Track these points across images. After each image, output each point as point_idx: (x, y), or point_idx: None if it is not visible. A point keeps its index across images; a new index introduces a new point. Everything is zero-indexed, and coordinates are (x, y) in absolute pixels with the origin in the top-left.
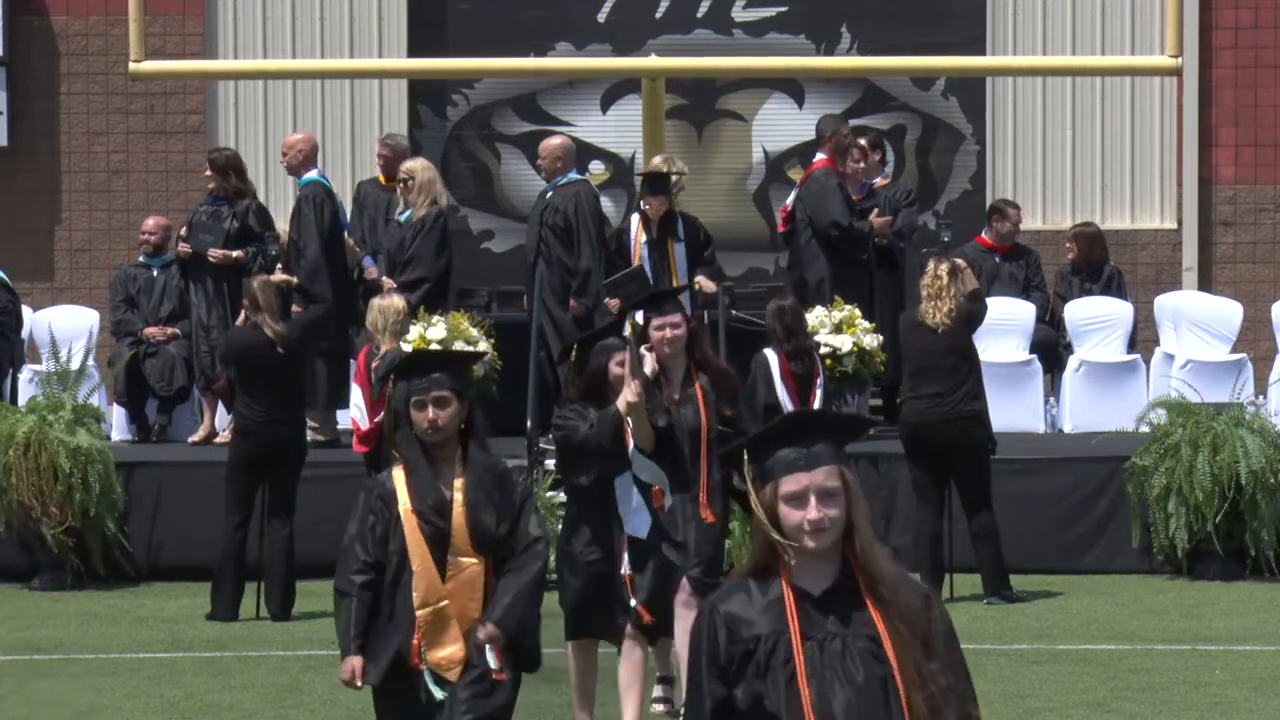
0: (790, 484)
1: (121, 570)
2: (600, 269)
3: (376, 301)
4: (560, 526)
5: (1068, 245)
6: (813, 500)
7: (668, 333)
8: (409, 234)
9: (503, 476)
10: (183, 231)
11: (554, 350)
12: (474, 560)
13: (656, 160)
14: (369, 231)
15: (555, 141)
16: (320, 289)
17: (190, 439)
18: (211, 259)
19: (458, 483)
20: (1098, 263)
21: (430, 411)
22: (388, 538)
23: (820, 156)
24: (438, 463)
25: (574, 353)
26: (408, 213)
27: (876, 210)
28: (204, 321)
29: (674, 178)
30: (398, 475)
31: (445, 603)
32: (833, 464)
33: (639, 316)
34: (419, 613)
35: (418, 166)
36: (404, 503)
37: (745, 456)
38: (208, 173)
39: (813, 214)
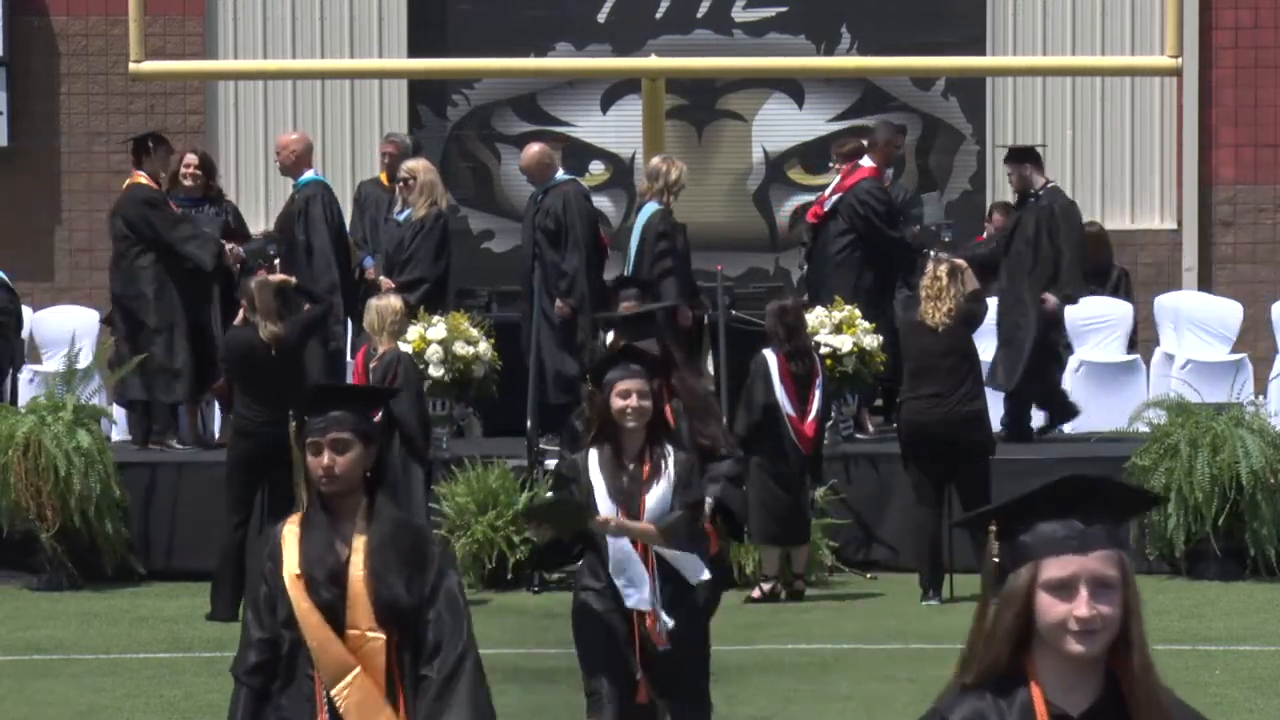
0: (1056, 568)
1: (121, 570)
2: (588, 270)
3: (374, 302)
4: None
5: (1109, 244)
6: (1084, 592)
7: (633, 401)
8: (408, 234)
9: (416, 537)
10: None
11: (546, 350)
12: (377, 635)
13: (656, 160)
14: (370, 231)
15: (534, 149)
16: (329, 288)
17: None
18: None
19: (358, 542)
20: (1105, 265)
21: (325, 456)
22: (277, 605)
23: (868, 164)
24: (337, 518)
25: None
26: (407, 213)
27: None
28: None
29: (676, 179)
30: (289, 532)
31: (358, 670)
32: (1112, 548)
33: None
34: (334, 694)
35: (419, 167)
36: (290, 565)
37: (996, 524)
38: (193, 170)
39: (860, 221)
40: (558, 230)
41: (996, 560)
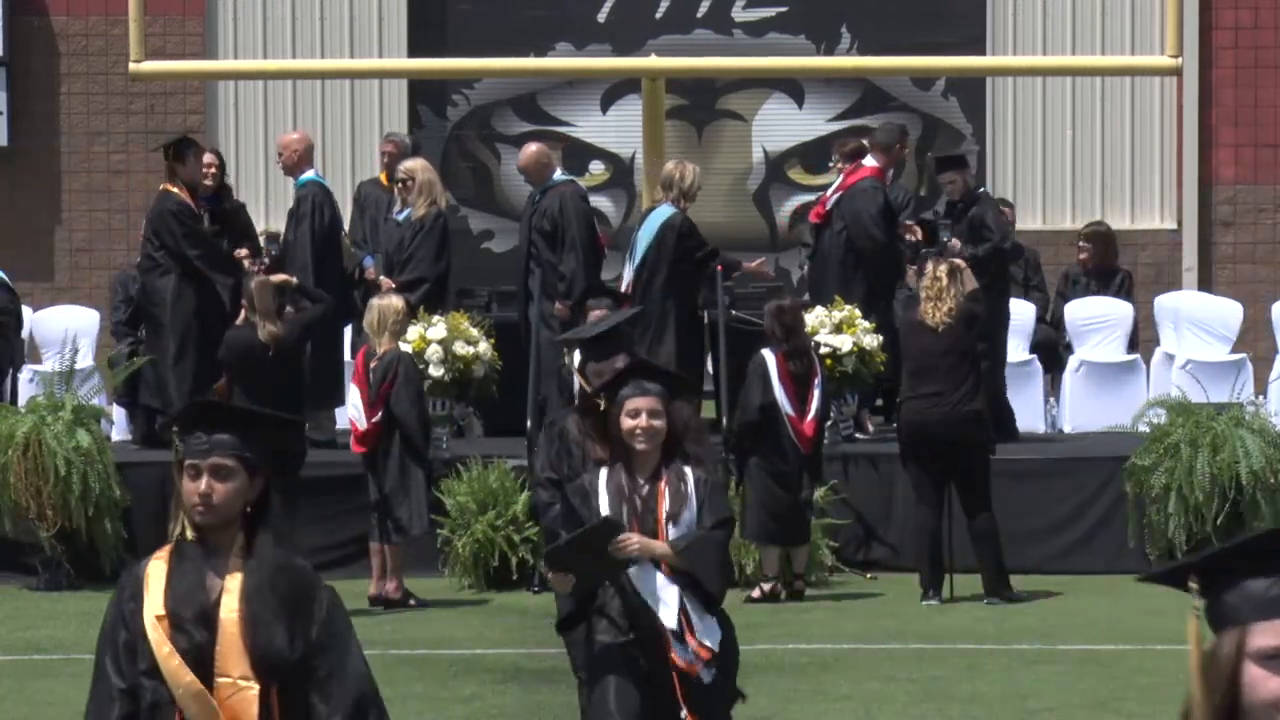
0: (1267, 636)
1: (121, 570)
2: (585, 271)
3: (375, 302)
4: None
5: (1082, 246)
6: None
7: (643, 421)
8: (408, 234)
9: (300, 581)
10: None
11: (545, 350)
12: (250, 685)
13: (669, 165)
14: (370, 231)
15: (531, 149)
16: (316, 289)
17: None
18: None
19: (232, 581)
20: (1111, 267)
21: (203, 482)
22: (137, 652)
23: (871, 163)
24: (212, 554)
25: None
26: (406, 212)
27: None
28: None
29: (691, 184)
30: (154, 568)
31: None
32: None
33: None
34: None
35: (417, 167)
36: (153, 604)
37: (1194, 580)
38: (214, 171)
39: (850, 223)
40: (554, 231)
41: (1198, 616)
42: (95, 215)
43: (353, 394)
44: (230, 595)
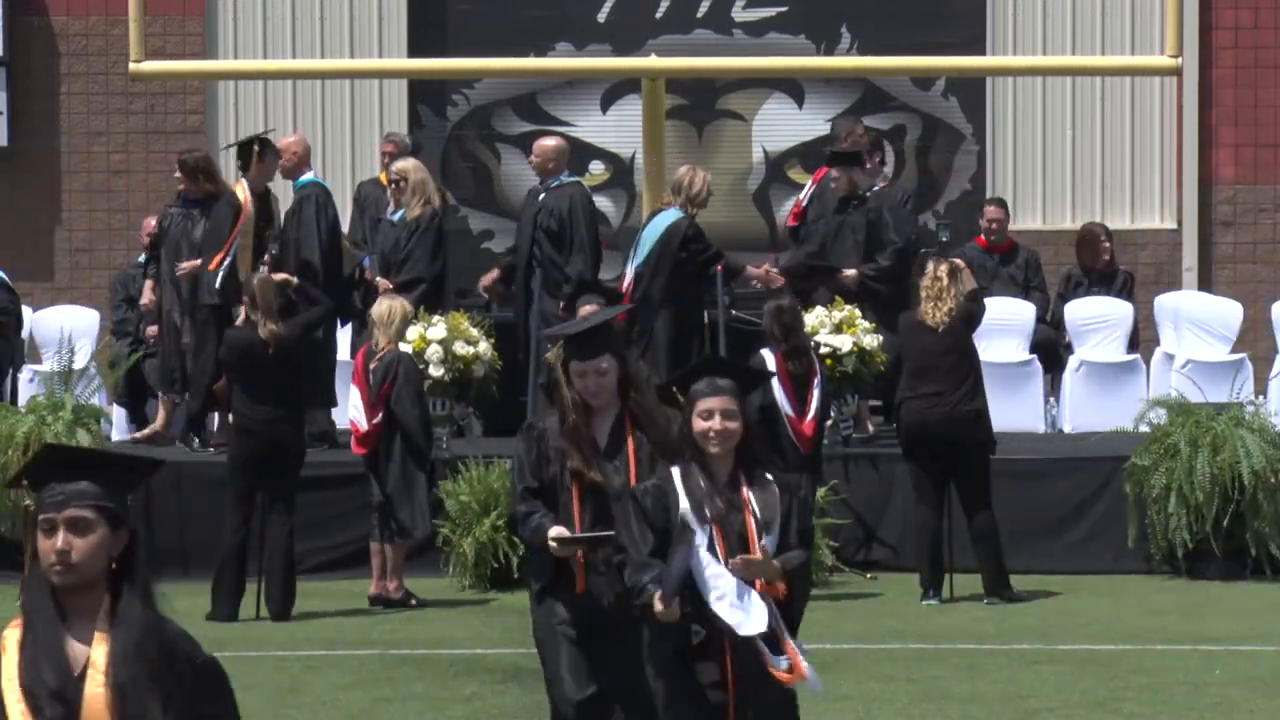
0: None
1: None
2: (593, 273)
3: (386, 300)
4: None
5: (1105, 244)
6: None
7: (717, 424)
8: (404, 234)
9: (172, 644)
10: (146, 238)
11: (541, 349)
12: None
13: (682, 170)
14: (370, 232)
15: (550, 142)
16: (319, 289)
17: (134, 435)
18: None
19: (98, 651)
20: (1099, 267)
21: (60, 538)
22: None
23: None
24: (71, 618)
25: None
26: (400, 213)
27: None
28: (176, 325)
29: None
30: (9, 635)
31: None
32: None
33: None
34: None
35: (410, 167)
36: (8, 676)
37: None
38: (177, 174)
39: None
40: (561, 231)
41: None
42: (95, 215)
43: (353, 395)
44: (95, 668)
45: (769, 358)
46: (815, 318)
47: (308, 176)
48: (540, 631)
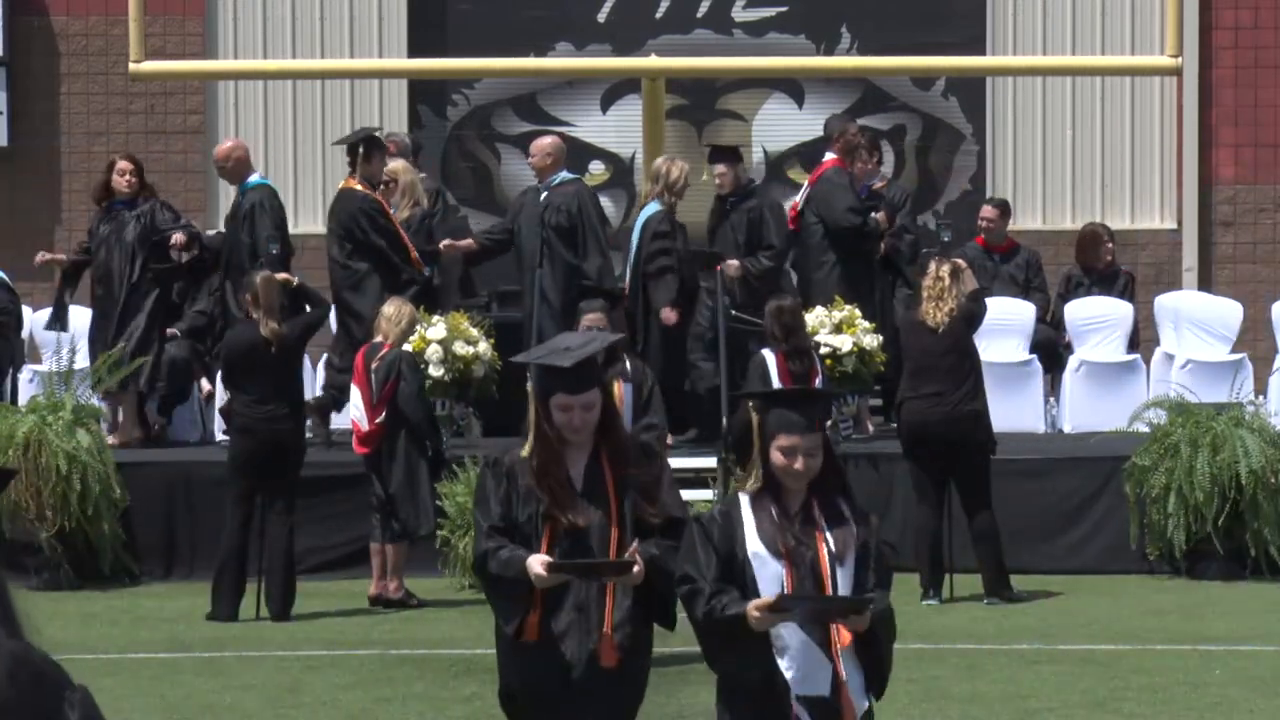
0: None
1: (120, 570)
2: (609, 266)
3: (391, 304)
4: None
5: (1108, 244)
6: None
7: (798, 463)
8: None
9: (44, 676)
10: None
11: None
12: None
13: (659, 161)
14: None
15: (546, 140)
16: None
17: (113, 439)
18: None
19: None
20: (1097, 266)
21: None
22: None
23: (830, 156)
24: None
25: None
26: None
27: (881, 211)
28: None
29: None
30: None
31: None
32: None
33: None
34: None
35: (400, 168)
36: None
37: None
38: (129, 178)
39: (824, 212)
40: (571, 228)
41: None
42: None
43: (354, 395)
44: None
45: (770, 358)
46: (815, 318)
47: (255, 179)
48: (511, 689)
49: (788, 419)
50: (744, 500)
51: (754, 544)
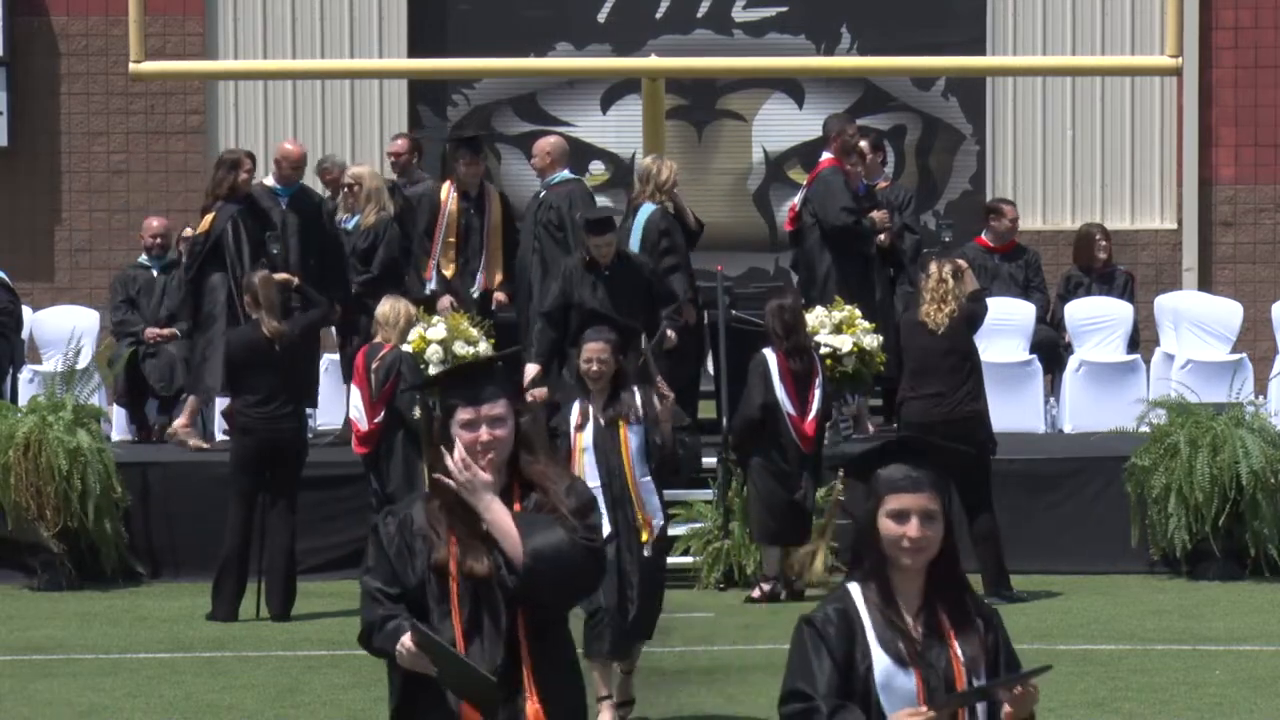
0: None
1: (121, 570)
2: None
3: (386, 304)
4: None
5: (1101, 243)
6: None
7: (913, 530)
8: (360, 242)
9: None
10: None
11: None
12: None
13: (646, 161)
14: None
15: (548, 140)
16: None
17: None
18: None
19: None
20: (1093, 266)
21: None
22: None
23: (827, 156)
24: None
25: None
26: (355, 219)
27: (878, 210)
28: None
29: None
30: None
31: None
32: None
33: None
34: None
35: (364, 173)
36: None
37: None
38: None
39: (820, 212)
40: (561, 226)
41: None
42: (95, 215)
43: (354, 395)
44: None
45: (771, 357)
46: (815, 318)
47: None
48: None
49: (898, 476)
50: (856, 593)
51: (877, 651)
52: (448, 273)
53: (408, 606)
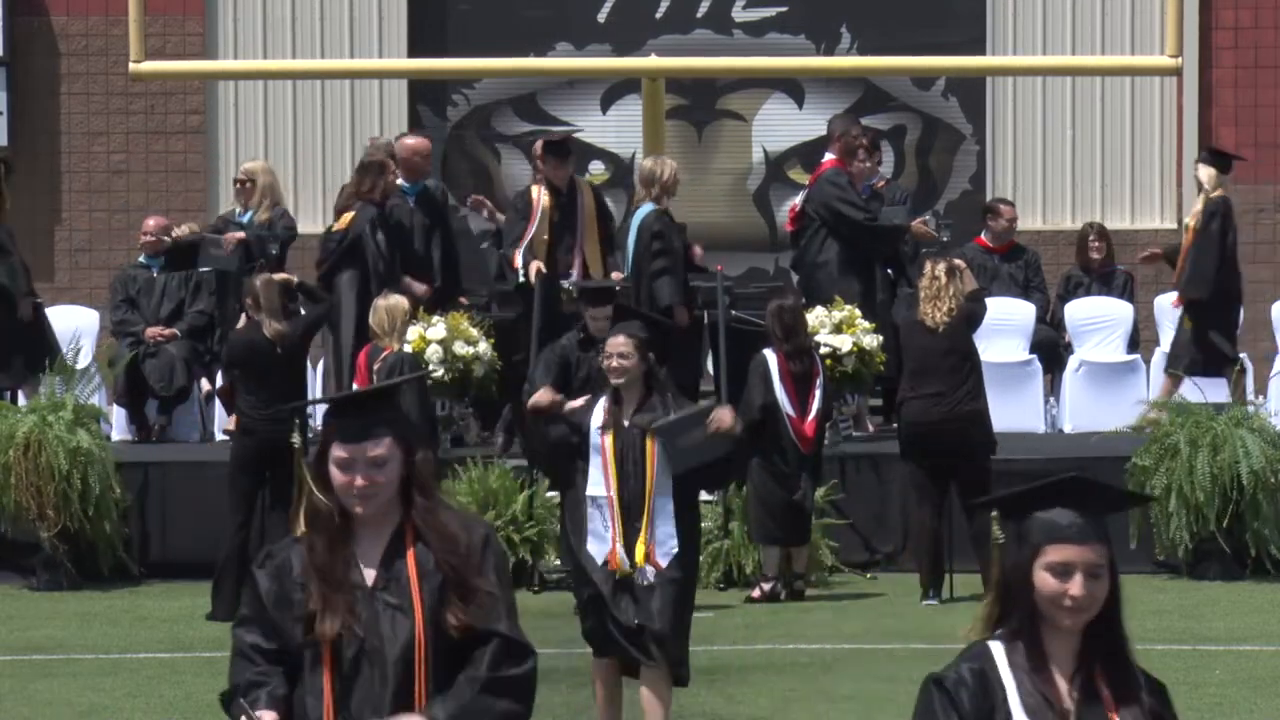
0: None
1: (121, 570)
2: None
3: (380, 302)
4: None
5: (1094, 243)
6: None
7: (1077, 588)
8: (252, 237)
9: None
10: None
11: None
12: None
13: (646, 162)
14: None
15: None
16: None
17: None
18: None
19: None
20: (1093, 265)
21: None
22: None
23: (829, 156)
24: None
25: None
26: (249, 215)
27: (922, 219)
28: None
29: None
30: None
31: None
32: None
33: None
34: None
35: (259, 169)
36: None
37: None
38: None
39: (824, 213)
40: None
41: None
42: (95, 215)
43: None
44: None
45: (771, 358)
46: (815, 318)
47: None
48: None
49: (1060, 524)
50: (999, 652)
51: (1018, 711)
52: (533, 270)
53: (291, 666)
